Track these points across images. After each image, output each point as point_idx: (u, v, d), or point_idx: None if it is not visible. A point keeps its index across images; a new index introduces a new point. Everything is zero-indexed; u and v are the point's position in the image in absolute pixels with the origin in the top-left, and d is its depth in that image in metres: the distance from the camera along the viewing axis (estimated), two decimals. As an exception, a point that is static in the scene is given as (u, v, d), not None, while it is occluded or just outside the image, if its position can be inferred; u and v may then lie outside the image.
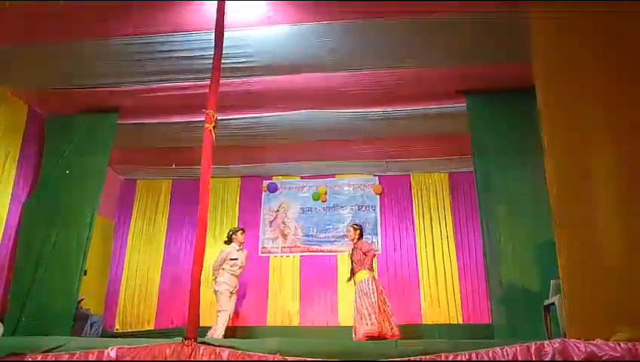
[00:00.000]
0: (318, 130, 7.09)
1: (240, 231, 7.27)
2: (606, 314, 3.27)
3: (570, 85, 3.79)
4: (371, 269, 6.48)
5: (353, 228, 6.90)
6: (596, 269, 3.38)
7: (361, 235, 6.82)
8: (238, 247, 7.12)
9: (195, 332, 3.68)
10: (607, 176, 3.55)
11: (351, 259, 6.63)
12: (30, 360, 3.81)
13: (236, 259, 7.00)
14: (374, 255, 6.79)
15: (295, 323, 8.09)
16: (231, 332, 7.19)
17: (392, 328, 6.15)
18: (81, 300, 6.40)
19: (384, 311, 6.22)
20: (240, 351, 3.52)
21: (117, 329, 8.16)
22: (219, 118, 4.29)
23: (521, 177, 5.45)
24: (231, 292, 6.84)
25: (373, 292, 6.19)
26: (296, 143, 7.66)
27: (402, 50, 5.42)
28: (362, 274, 6.37)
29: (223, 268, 6.93)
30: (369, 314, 6.04)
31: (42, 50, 5.43)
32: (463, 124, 6.15)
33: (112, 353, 3.69)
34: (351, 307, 6.58)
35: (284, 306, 8.27)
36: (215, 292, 6.89)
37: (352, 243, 6.77)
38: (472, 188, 6.74)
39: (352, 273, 6.53)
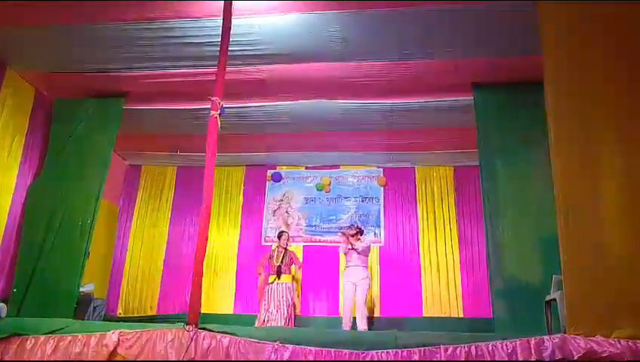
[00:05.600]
0: (323, 121, 7.06)
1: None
2: (607, 311, 3.27)
3: (578, 79, 3.77)
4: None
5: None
6: (598, 266, 3.38)
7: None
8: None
9: (197, 318, 3.71)
10: (614, 173, 3.54)
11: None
12: (33, 341, 3.86)
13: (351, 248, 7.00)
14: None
15: (296, 312, 8.13)
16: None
17: None
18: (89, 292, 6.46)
19: None
20: (240, 338, 3.55)
21: (120, 314, 8.22)
22: (225, 105, 4.30)
23: (526, 171, 5.42)
24: (353, 283, 6.71)
25: None
26: (301, 133, 7.63)
27: (411, 41, 5.38)
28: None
29: None
30: None
31: (50, 33, 5.43)
32: (470, 118, 6.12)
33: (113, 336, 3.73)
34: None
35: (285, 295, 8.29)
36: None
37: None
38: (477, 182, 6.73)
39: None
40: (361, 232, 6.99)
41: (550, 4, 3.98)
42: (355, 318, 6.57)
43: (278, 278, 7.03)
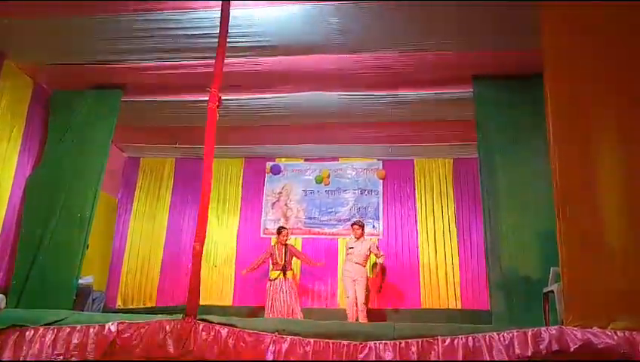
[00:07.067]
0: (323, 113, 7.04)
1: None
2: (604, 303, 3.28)
3: (577, 73, 3.78)
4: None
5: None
6: (596, 258, 3.39)
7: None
8: (355, 238, 7.33)
9: (195, 309, 3.71)
10: (612, 166, 3.55)
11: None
12: (32, 332, 3.87)
13: (352, 248, 7.25)
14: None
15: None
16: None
17: None
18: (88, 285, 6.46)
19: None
20: (239, 329, 3.56)
21: (119, 306, 8.25)
22: (223, 97, 4.29)
23: (525, 164, 5.42)
24: (353, 279, 6.99)
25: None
26: (300, 125, 7.62)
27: (411, 33, 5.35)
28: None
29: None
30: None
31: (49, 25, 5.39)
32: (469, 110, 6.11)
33: (112, 327, 3.74)
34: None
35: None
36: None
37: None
38: (476, 174, 6.73)
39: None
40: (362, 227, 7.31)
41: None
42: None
43: (284, 275, 7.14)
